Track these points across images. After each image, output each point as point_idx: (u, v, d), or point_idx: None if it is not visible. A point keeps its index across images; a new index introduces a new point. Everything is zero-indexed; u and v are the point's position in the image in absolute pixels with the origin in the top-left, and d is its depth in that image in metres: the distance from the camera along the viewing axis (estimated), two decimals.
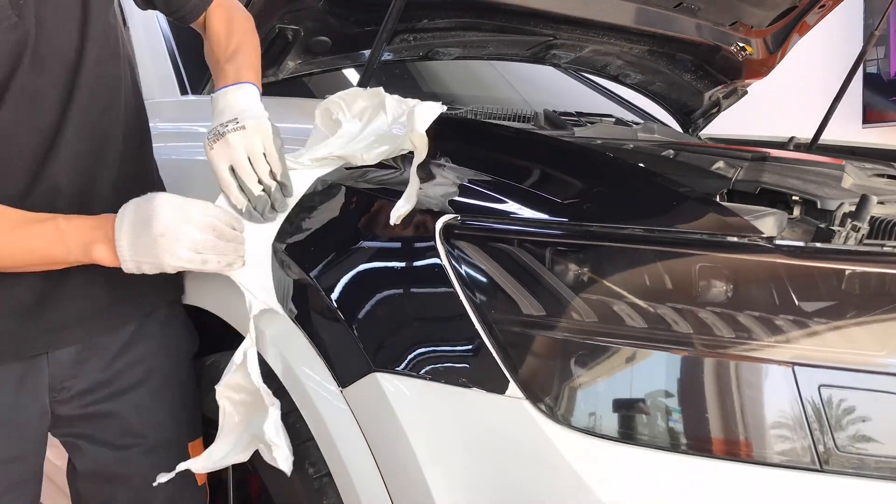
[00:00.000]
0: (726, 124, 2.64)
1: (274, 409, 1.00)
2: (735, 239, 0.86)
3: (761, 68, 2.38)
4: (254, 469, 1.15)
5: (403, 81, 2.36)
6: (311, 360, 1.00)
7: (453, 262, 0.91)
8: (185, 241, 0.98)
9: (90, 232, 1.01)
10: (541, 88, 2.69)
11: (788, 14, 2.22)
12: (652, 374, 0.83)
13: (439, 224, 0.93)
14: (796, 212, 1.16)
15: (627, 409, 0.83)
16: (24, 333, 1.09)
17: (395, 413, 0.90)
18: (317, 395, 0.99)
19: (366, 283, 0.97)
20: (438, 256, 0.92)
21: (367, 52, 1.72)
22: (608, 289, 0.86)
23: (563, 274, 0.88)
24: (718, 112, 2.54)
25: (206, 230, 0.99)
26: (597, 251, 0.88)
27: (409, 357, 0.91)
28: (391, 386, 0.91)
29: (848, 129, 3.72)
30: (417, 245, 0.95)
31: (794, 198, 1.16)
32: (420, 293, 0.94)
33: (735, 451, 0.80)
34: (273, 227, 1.06)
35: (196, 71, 1.83)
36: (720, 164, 1.26)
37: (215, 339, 1.41)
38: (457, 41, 1.82)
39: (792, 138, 2.22)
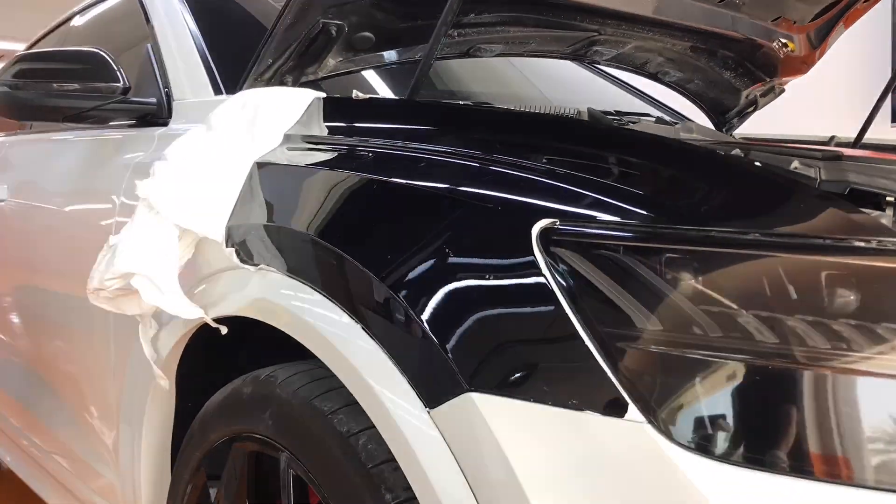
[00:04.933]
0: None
1: None
2: (868, 242, 0.79)
3: (801, 65, 2.32)
4: (317, 487, 1.07)
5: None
6: (393, 378, 0.92)
7: (554, 271, 0.83)
8: None
9: None
10: (558, 84, 2.63)
11: (832, 8, 2.16)
12: (790, 393, 0.75)
13: (535, 230, 0.85)
14: (889, 213, 1.09)
15: (767, 434, 0.75)
16: None
17: (495, 437, 0.82)
18: (400, 417, 0.91)
19: (455, 296, 0.89)
20: (537, 265, 0.84)
21: (410, 49, 1.64)
22: (732, 299, 0.79)
23: (679, 283, 0.80)
24: (754, 111, 2.47)
25: None
26: (717, 258, 0.81)
27: (510, 376, 0.83)
28: (490, 407, 0.83)
29: (876, 127, 3.66)
30: (512, 253, 0.87)
31: (888, 199, 1.09)
32: (518, 306, 0.86)
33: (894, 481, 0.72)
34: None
35: (229, 69, 1.75)
36: (796, 163, 1.18)
37: (262, 350, 1.34)
38: (500, 37, 1.75)
39: (832, 137, 2.15)
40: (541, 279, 0.83)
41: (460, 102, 1.70)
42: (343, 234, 1.02)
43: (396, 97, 1.81)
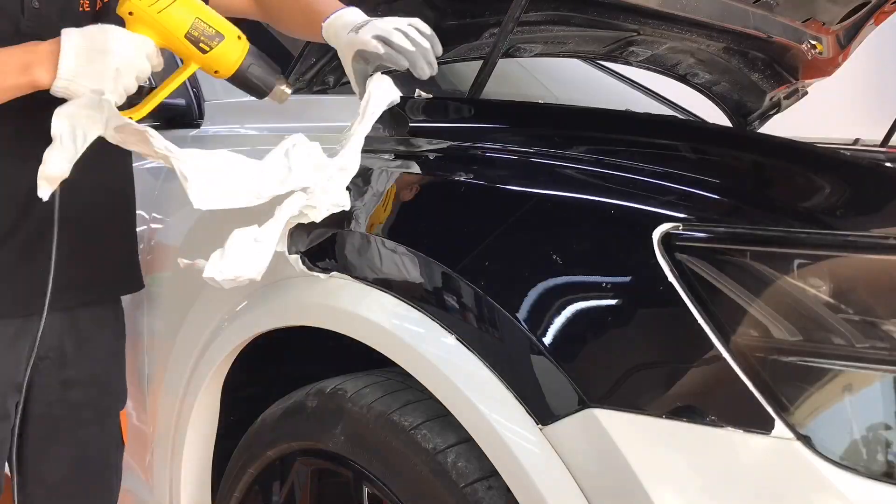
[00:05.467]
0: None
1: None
2: None
3: (827, 67, 2.30)
4: None
5: (427, 82, 2.23)
6: (498, 395, 0.87)
7: (682, 279, 0.78)
8: (137, 74, 1.03)
9: (28, 54, 1.02)
10: (567, 83, 2.60)
11: (860, 10, 2.14)
12: None
13: (657, 234, 0.81)
14: None
15: None
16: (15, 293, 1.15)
17: (623, 455, 0.77)
18: (509, 437, 0.85)
19: (569, 308, 0.84)
20: (662, 273, 0.79)
21: (453, 49, 1.60)
22: (876, 307, 0.75)
23: (817, 291, 0.76)
24: (777, 112, 2.45)
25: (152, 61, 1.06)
26: (856, 264, 0.76)
27: (637, 391, 0.79)
28: (615, 424, 0.79)
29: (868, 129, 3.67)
30: (631, 261, 0.82)
31: None
32: (643, 317, 0.81)
33: None
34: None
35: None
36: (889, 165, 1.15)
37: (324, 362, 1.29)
38: (542, 37, 1.71)
39: (857, 139, 2.13)
40: (667, 287, 0.79)
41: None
42: (434, 242, 0.97)
43: (460, 97, 1.76)
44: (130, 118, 1.08)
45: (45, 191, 1.01)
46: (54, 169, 1.00)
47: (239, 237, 0.97)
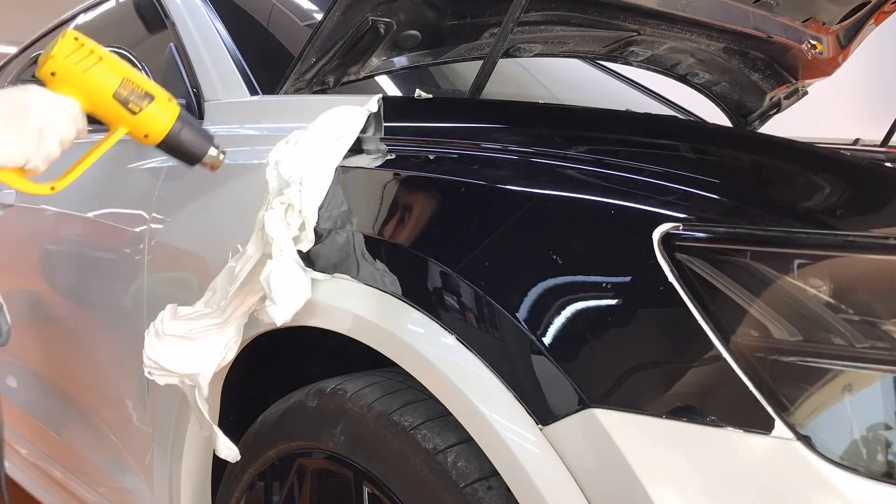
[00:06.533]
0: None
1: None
2: None
3: (827, 67, 2.30)
4: None
5: (424, 79, 2.24)
6: (498, 395, 0.87)
7: (682, 279, 0.78)
8: (62, 138, 0.99)
9: None
10: (567, 83, 2.60)
11: (860, 10, 2.14)
12: None
13: (657, 234, 0.81)
14: None
15: None
16: None
17: (623, 456, 0.77)
18: (509, 436, 0.85)
19: (569, 308, 0.84)
20: (662, 273, 0.79)
21: (453, 49, 1.60)
22: (876, 307, 0.75)
23: (817, 291, 0.76)
24: (778, 112, 2.45)
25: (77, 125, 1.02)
26: (857, 264, 0.76)
27: (638, 391, 0.79)
28: (615, 424, 0.79)
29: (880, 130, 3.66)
30: (631, 260, 0.82)
31: None
32: (643, 317, 0.81)
33: None
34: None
35: (259, 68, 1.69)
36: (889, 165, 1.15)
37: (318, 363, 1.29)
38: (542, 37, 1.71)
39: (857, 140, 2.13)
40: (667, 288, 0.79)
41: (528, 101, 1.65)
42: (434, 242, 0.97)
43: (460, 97, 1.76)
44: (52, 188, 1.06)
45: None
46: None
47: (281, 279, 1.02)
